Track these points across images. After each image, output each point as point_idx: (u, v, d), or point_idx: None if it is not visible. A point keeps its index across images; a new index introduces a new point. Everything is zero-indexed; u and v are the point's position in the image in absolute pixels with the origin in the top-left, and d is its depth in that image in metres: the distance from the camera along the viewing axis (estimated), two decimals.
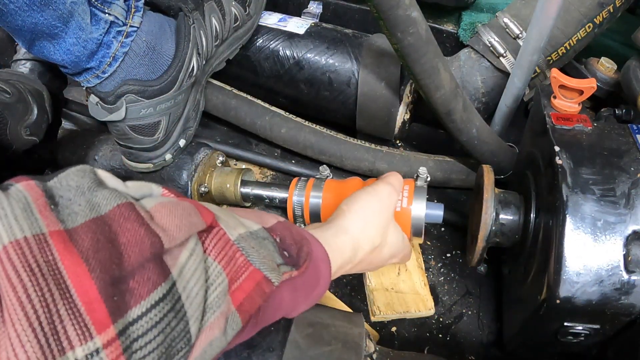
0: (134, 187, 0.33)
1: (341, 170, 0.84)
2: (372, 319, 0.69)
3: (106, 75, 0.61)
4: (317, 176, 0.70)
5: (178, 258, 0.29)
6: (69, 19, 0.55)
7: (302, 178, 0.70)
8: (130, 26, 0.60)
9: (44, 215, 0.26)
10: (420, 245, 0.77)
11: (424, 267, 0.73)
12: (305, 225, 0.67)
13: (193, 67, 0.69)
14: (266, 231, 0.40)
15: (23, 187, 0.27)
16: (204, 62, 0.72)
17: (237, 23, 0.77)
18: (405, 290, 0.70)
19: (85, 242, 0.26)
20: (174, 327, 0.27)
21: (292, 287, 0.40)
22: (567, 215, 0.48)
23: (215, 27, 0.72)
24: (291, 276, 0.39)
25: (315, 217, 0.67)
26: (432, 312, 0.69)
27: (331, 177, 0.71)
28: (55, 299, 0.24)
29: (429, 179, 0.64)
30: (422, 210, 0.60)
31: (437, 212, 0.62)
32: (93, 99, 0.65)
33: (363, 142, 0.82)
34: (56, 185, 0.29)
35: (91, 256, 0.25)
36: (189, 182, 0.71)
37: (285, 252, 0.40)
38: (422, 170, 0.63)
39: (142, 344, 0.25)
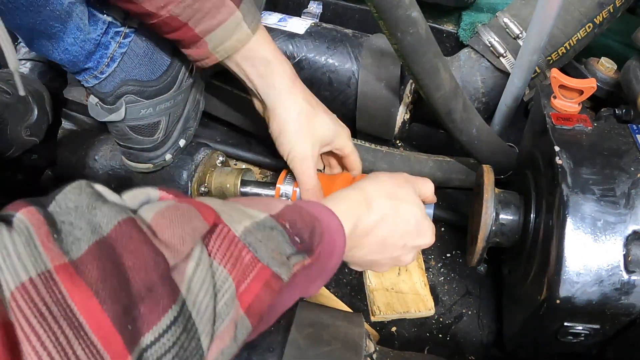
0: (130, 198, 0.33)
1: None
2: (372, 319, 0.69)
3: (104, 75, 0.61)
4: None
5: (185, 272, 0.29)
6: (67, 19, 0.55)
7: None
8: (129, 27, 0.60)
9: (47, 248, 0.26)
10: None
11: (424, 267, 0.73)
12: None
13: (192, 66, 0.69)
14: (273, 219, 0.38)
15: (25, 217, 0.27)
16: None
17: None
18: (406, 291, 0.70)
19: (92, 273, 0.26)
20: (187, 347, 0.27)
21: (305, 275, 0.39)
22: (567, 215, 0.48)
23: None
24: (303, 265, 0.38)
25: None
26: (432, 312, 0.69)
27: (322, 171, 0.70)
28: (70, 341, 0.24)
29: None
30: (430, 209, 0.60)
31: (427, 211, 0.61)
32: (93, 99, 0.65)
33: (363, 142, 0.82)
34: (56, 209, 0.28)
35: (100, 287, 0.25)
36: (189, 182, 0.71)
37: (297, 238, 0.38)
38: None
39: None
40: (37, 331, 0.23)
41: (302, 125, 0.61)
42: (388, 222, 0.49)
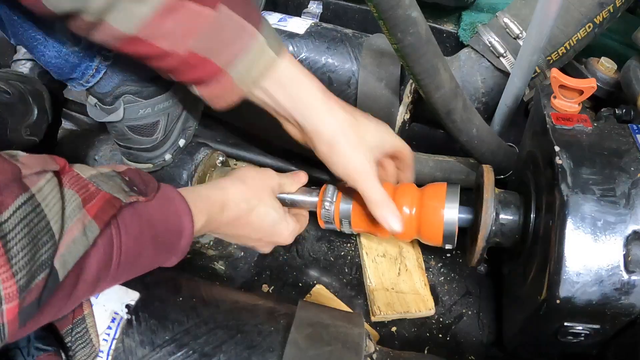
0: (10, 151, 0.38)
1: None
2: (372, 319, 0.69)
3: (90, 84, 0.61)
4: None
5: (36, 182, 0.34)
6: (49, 32, 0.55)
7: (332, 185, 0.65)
8: None
9: None
10: (420, 244, 0.77)
11: (424, 267, 0.73)
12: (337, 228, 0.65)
13: None
14: (116, 172, 0.43)
15: None
16: None
17: None
18: (406, 290, 0.70)
19: None
20: (36, 223, 0.33)
21: (144, 217, 0.43)
22: (567, 215, 0.48)
23: None
24: (138, 200, 0.42)
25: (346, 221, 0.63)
26: (432, 312, 0.69)
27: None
28: None
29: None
30: (455, 214, 0.57)
31: (468, 216, 0.60)
32: (91, 100, 0.65)
33: None
34: None
35: None
36: (189, 182, 0.71)
37: (135, 187, 0.43)
38: None
39: (13, 235, 0.31)
40: None
41: (350, 138, 0.54)
42: (240, 222, 0.55)
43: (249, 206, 0.55)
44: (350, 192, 0.62)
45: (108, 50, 0.57)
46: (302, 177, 0.63)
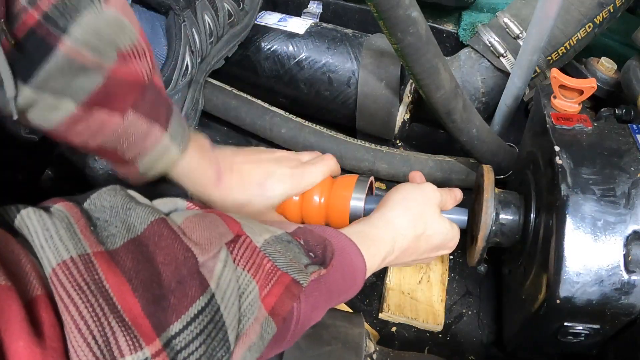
0: (159, 204, 0.35)
1: (341, 170, 0.84)
2: (380, 315, 0.68)
3: None
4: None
5: (214, 269, 0.30)
6: None
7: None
8: None
9: (85, 236, 0.28)
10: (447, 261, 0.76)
11: (446, 284, 0.72)
12: None
13: (187, 65, 0.68)
14: (289, 235, 0.40)
15: (63, 208, 0.29)
16: (199, 61, 0.72)
17: (232, 19, 0.77)
18: (421, 300, 0.70)
19: (126, 263, 0.28)
20: (214, 337, 0.28)
21: (324, 286, 0.41)
22: (567, 215, 0.48)
23: (209, 24, 0.72)
24: (320, 275, 0.40)
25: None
26: (439, 328, 0.68)
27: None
28: (105, 313, 0.25)
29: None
30: (361, 204, 0.61)
31: (461, 217, 0.62)
32: None
33: (363, 142, 0.82)
34: (91, 207, 0.30)
35: (133, 276, 0.27)
36: None
37: (311, 253, 0.40)
38: None
39: (185, 354, 0.27)
40: (76, 302, 0.25)
41: (254, 207, 0.57)
42: (408, 251, 0.54)
43: (416, 233, 0.53)
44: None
45: None
46: (458, 193, 0.62)
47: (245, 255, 0.34)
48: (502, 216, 0.59)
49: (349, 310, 0.69)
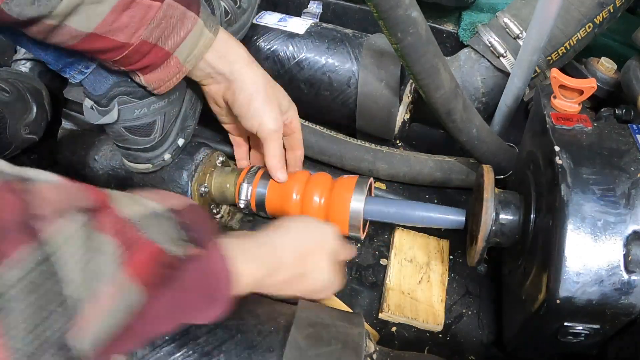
0: (27, 170, 0.32)
1: (341, 170, 0.84)
2: (380, 315, 0.69)
3: (89, 70, 0.60)
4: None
5: (53, 223, 0.28)
6: None
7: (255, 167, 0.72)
8: None
9: None
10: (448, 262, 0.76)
11: (446, 284, 0.72)
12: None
13: None
14: (169, 211, 0.38)
15: None
16: None
17: (229, 17, 0.77)
18: (421, 300, 0.70)
19: None
20: (46, 287, 0.27)
21: (201, 271, 0.38)
22: (567, 215, 0.48)
23: None
24: (200, 254, 0.37)
25: (261, 207, 0.70)
26: (439, 328, 0.68)
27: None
28: None
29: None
30: (361, 205, 0.63)
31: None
32: (88, 102, 0.64)
33: (363, 142, 0.82)
34: None
35: None
36: (189, 182, 0.71)
37: (186, 231, 0.38)
38: None
39: (11, 296, 0.25)
40: None
41: (269, 95, 0.63)
42: (290, 285, 0.52)
43: (303, 270, 0.52)
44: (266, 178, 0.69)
45: None
46: (354, 251, 0.65)
47: (108, 220, 0.31)
48: (502, 216, 0.59)
49: (349, 310, 0.69)
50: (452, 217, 0.63)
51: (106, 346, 0.30)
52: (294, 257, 0.52)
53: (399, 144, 0.92)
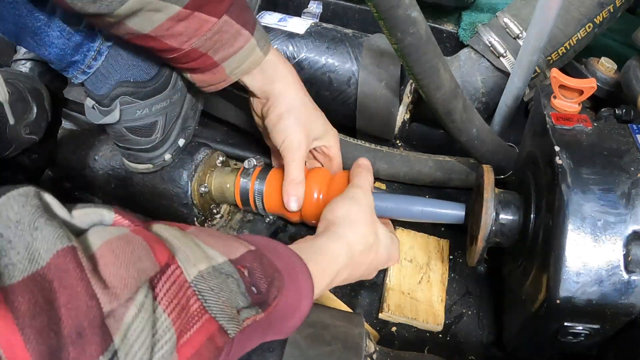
0: (81, 215, 0.31)
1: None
2: (380, 315, 0.69)
3: (92, 70, 0.61)
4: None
5: (123, 319, 0.27)
6: (51, 11, 0.55)
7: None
8: None
9: None
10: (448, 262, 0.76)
11: (446, 284, 0.72)
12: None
13: None
14: (232, 264, 0.37)
15: None
16: None
17: None
18: (421, 300, 0.70)
19: (22, 306, 0.24)
20: None
21: (260, 327, 0.39)
22: (567, 215, 0.48)
23: None
24: (255, 320, 0.37)
25: (259, 204, 0.70)
26: (439, 328, 0.68)
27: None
28: None
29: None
30: None
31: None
32: (89, 102, 0.64)
33: (363, 142, 0.82)
34: None
35: (27, 324, 0.23)
36: (189, 182, 0.71)
37: (254, 288, 0.37)
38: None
39: None
40: None
41: (301, 115, 0.64)
42: (370, 255, 0.55)
43: (366, 247, 0.54)
44: (264, 174, 0.69)
45: None
46: (371, 177, 0.64)
47: (171, 292, 0.30)
48: (502, 216, 0.59)
49: (349, 310, 0.69)
50: (452, 211, 0.63)
51: None
52: (361, 235, 0.54)
53: (399, 144, 0.92)
